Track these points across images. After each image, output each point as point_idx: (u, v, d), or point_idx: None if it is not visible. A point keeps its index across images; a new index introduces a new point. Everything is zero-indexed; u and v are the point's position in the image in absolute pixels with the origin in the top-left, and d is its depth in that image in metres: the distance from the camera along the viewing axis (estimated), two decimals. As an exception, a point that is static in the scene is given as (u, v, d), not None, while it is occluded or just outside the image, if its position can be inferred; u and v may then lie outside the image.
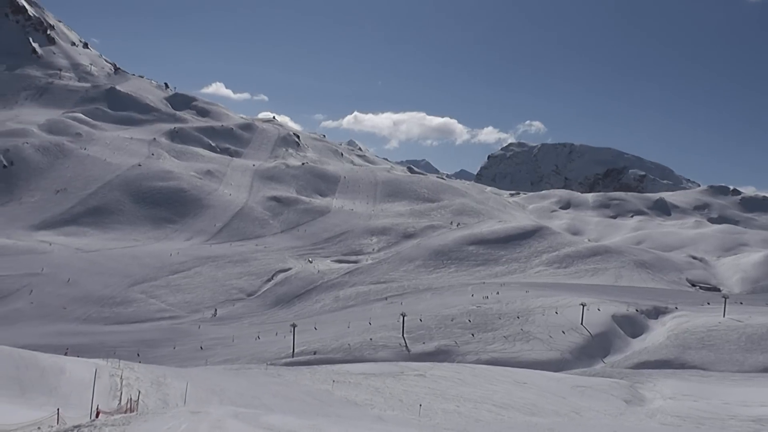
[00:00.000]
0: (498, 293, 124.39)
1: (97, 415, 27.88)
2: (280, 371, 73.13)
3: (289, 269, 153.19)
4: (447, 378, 68.50)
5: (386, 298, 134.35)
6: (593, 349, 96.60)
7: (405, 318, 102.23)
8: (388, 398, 56.80)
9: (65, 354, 61.55)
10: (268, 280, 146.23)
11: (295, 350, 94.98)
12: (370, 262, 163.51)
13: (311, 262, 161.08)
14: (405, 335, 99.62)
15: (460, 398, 57.99)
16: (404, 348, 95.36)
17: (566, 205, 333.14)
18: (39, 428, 20.65)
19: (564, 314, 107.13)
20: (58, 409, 24.70)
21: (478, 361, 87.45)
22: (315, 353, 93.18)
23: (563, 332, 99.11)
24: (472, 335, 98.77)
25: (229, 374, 68.27)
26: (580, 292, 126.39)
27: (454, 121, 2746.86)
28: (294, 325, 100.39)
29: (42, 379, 37.97)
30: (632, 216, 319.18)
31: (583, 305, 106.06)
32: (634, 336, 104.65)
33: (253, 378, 65.74)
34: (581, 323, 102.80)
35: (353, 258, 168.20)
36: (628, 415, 57.58)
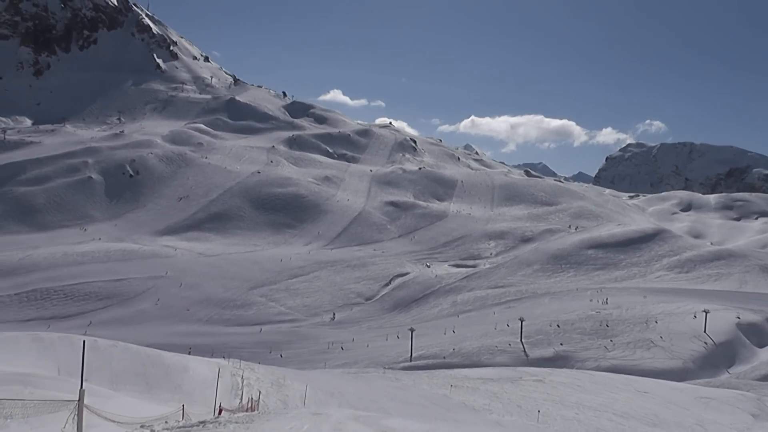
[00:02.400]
0: (606, 301, 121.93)
1: (219, 413, 28.68)
2: (398, 375, 73.42)
3: (407, 274, 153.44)
4: (566, 384, 67.56)
5: (504, 303, 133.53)
6: (717, 359, 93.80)
7: (523, 323, 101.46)
8: (506, 403, 56.43)
9: (188, 353, 63.16)
10: (386, 285, 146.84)
11: (413, 354, 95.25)
12: (487, 266, 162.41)
13: (429, 267, 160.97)
14: (523, 340, 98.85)
15: (579, 405, 57.14)
16: (522, 353, 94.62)
17: (687, 207, 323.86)
18: (166, 422, 21.38)
19: (686, 321, 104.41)
20: (183, 405, 25.47)
21: (598, 368, 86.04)
22: (433, 357, 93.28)
23: (686, 340, 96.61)
24: (598, 343, 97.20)
25: (348, 377, 68.88)
26: (703, 298, 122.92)
27: (572, 123, 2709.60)
28: (412, 330, 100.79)
29: (167, 377, 39.08)
30: (757, 218, 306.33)
31: (706, 312, 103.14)
32: (761, 345, 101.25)
33: (372, 381, 66.15)
34: (704, 331, 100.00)
35: (471, 262, 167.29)
36: (755, 430, 55.63)
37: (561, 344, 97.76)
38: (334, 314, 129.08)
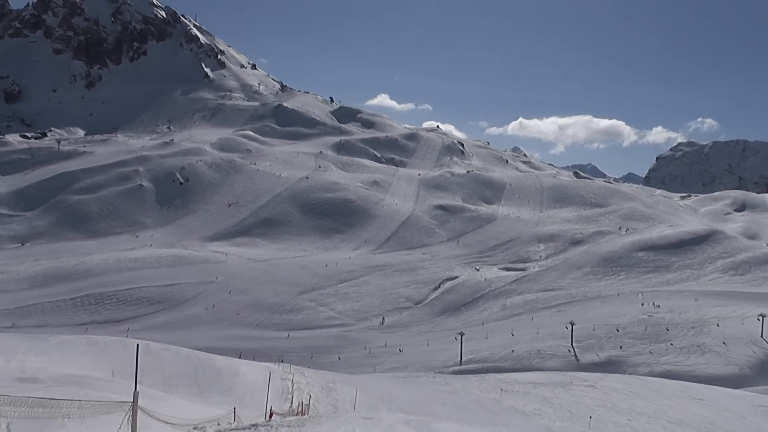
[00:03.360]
0: (658, 305, 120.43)
1: (270, 416, 28.90)
2: (447, 379, 73.34)
3: (456, 277, 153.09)
4: (618, 390, 66.87)
5: (554, 306, 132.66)
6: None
7: (574, 327, 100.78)
8: (557, 409, 56.05)
9: (239, 357, 63.76)
10: (435, 289, 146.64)
11: (463, 358, 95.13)
12: (537, 269, 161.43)
13: (478, 270, 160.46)
14: (574, 344, 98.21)
15: (632, 412, 56.46)
16: (573, 357, 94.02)
17: (741, 207, 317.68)
18: (218, 424, 21.65)
19: (742, 326, 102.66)
20: (234, 408, 25.77)
21: (651, 374, 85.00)
22: (483, 361, 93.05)
23: (742, 345, 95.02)
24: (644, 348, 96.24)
25: (398, 382, 68.93)
26: (759, 301, 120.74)
27: (621, 123, 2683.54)
28: (461, 334, 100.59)
29: (218, 380, 39.50)
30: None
31: (763, 316, 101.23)
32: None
33: (421, 386, 66.14)
34: (761, 336, 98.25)
35: (520, 266, 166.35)
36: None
37: (621, 347, 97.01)
38: (384, 318, 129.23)
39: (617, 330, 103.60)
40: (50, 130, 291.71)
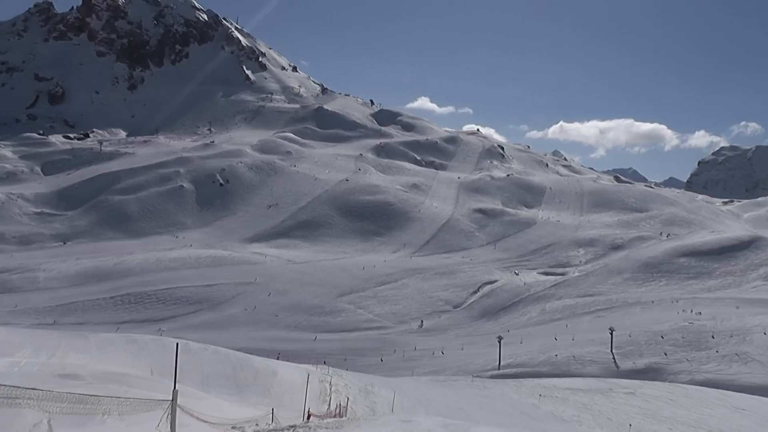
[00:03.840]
0: (699, 311, 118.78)
1: (308, 418, 28.82)
2: (485, 383, 72.97)
3: (495, 281, 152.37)
4: (658, 398, 66.11)
5: (594, 312, 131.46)
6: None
7: (613, 333, 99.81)
8: (596, 415, 55.50)
9: (277, 358, 63.84)
10: (474, 292, 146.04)
11: (501, 363, 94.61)
12: (577, 274, 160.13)
13: (517, 274, 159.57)
14: (614, 351, 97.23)
15: (673, 420, 55.74)
16: (613, 364, 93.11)
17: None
18: (257, 424, 21.61)
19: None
20: (272, 409, 25.73)
21: (692, 382, 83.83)
22: (521, 366, 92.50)
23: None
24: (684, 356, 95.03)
25: (435, 385, 68.72)
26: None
27: (663, 127, 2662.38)
28: (500, 338, 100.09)
29: (256, 380, 39.50)
30: None
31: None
32: None
33: (459, 389, 65.89)
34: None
35: (560, 270, 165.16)
36: None
37: (661, 355, 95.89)
38: (422, 322, 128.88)
39: (658, 337, 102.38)
40: (92, 132, 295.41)
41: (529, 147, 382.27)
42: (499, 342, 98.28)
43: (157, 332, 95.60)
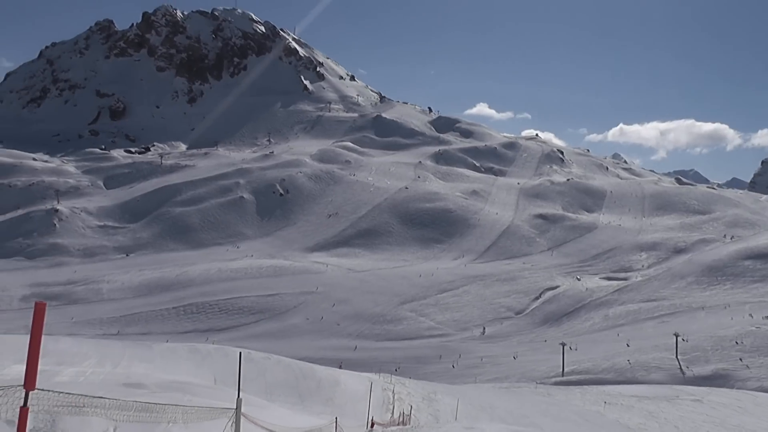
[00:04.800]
0: (765, 317, 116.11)
1: (372, 426, 28.68)
2: (549, 390, 72.39)
3: (557, 287, 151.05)
4: (726, 405, 64.81)
5: (657, 317, 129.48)
6: None
7: (678, 338, 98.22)
8: (662, 423, 54.59)
9: (339, 367, 63.97)
10: (536, 298, 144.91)
11: (565, 369, 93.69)
12: (639, 279, 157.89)
13: (579, 280, 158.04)
14: (679, 357, 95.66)
15: (741, 428, 54.56)
16: (678, 370, 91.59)
17: None
18: (321, 433, 21.58)
19: None
20: (336, 418, 25.63)
21: (761, 389, 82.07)
22: (585, 373, 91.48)
23: None
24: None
25: (499, 392, 68.31)
26: None
27: (725, 126, 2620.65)
28: (563, 344, 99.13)
29: (318, 390, 39.59)
30: None
31: None
32: None
33: (523, 396, 65.41)
34: None
35: (622, 275, 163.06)
36: None
37: (731, 360, 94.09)
38: (484, 328, 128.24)
39: (724, 342, 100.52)
40: (153, 145, 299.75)
41: (588, 150, 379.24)
42: (563, 348, 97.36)
43: (221, 342, 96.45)
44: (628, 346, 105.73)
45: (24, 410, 7.38)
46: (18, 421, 7.26)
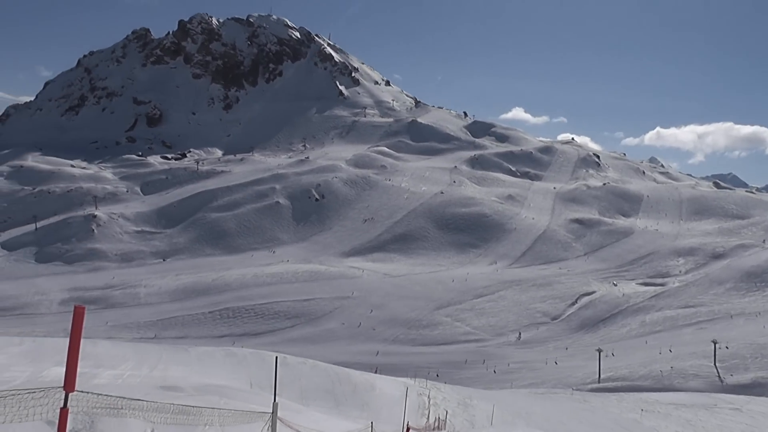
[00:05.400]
0: None
1: (407, 431, 28.66)
2: (586, 397, 71.94)
3: (593, 292, 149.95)
4: (766, 415, 64.00)
5: (695, 324, 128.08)
6: None
7: (716, 345, 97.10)
8: (700, 432, 54.07)
9: (375, 372, 63.96)
10: (572, 304, 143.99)
11: (601, 376, 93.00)
12: (676, 285, 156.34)
13: (616, 285, 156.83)
14: (717, 364, 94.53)
15: (782, 438, 53.92)
16: (717, 378, 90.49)
17: None
18: (356, 437, 21.64)
19: None
20: (371, 423, 25.64)
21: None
22: (622, 380, 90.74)
23: None
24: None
25: (535, 398, 68.00)
26: None
27: (764, 129, 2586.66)
28: (599, 350, 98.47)
29: (354, 394, 39.61)
30: None
31: None
32: None
33: (559, 403, 65.07)
34: None
35: (659, 281, 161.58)
36: None
37: (759, 370, 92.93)
38: (520, 334, 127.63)
39: (764, 350, 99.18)
40: (189, 151, 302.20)
41: (625, 154, 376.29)
42: (599, 354, 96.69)
43: (257, 346, 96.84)
44: (667, 352, 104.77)
45: (64, 411, 7.47)
46: (58, 421, 7.34)
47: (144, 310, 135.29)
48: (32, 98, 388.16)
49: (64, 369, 7.41)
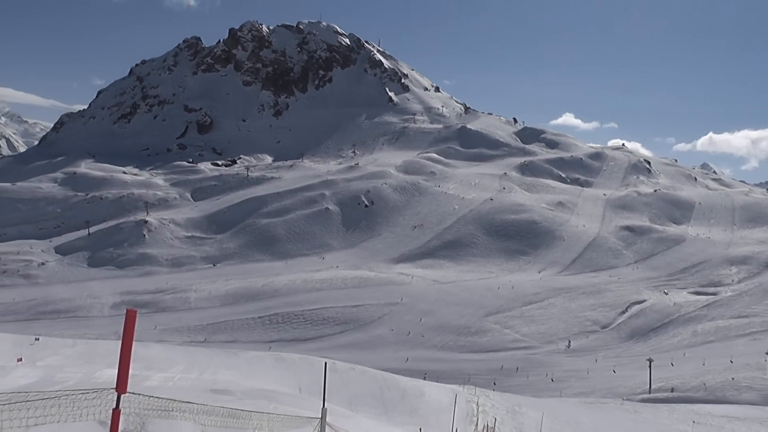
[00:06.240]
0: None
1: (455, 438, 28.61)
2: (636, 407, 71.17)
3: (644, 301, 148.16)
4: (823, 429, 62.77)
5: (749, 334, 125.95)
6: None
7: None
8: (754, 446, 53.19)
9: (424, 378, 63.89)
10: (623, 312, 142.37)
11: (652, 386, 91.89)
12: (729, 294, 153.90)
13: (667, 294, 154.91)
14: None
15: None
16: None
17: None
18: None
19: None
20: (420, 429, 25.66)
21: None
22: (673, 390, 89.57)
23: None
24: None
25: (584, 407, 67.44)
26: None
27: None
28: (650, 360, 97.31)
29: (403, 401, 39.60)
30: None
31: None
32: None
33: (609, 413, 64.44)
34: None
35: (711, 290, 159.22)
36: None
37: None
38: (570, 342, 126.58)
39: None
40: (239, 158, 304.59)
41: (676, 160, 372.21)
42: (650, 364, 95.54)
43: (306, 352, 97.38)
44: (719, 363, 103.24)
45: (116, 412, 7.59)
46: (111, 422, 7.45)
47: (194, 314, 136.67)
48: (85, 107, 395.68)
49: (116, 371, 7.50)
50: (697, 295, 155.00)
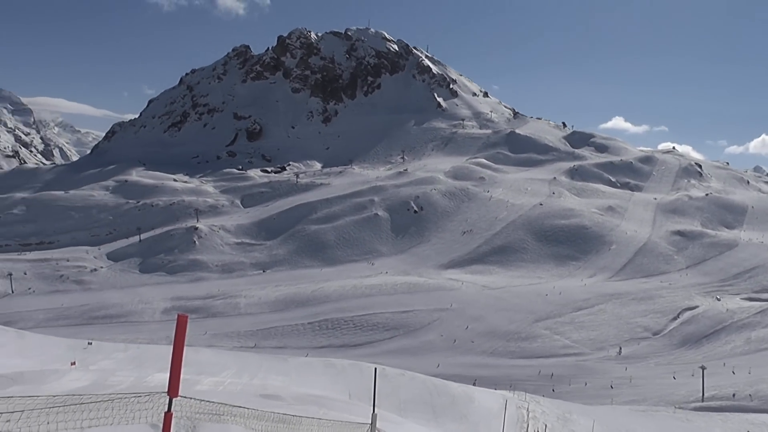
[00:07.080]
0: None
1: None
2: (689, 416, 70.24)
3: (696, 307, 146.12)
4: None
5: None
6: None
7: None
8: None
9: (473, 384, 63.68)
10: (674, 319, 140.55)
11: (705, 394, 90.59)
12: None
13: (719, 300, 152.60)
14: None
15: None
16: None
17: None
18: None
19: None
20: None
21: None
22: (734, 396, 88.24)
23: None
24: None
25: (636, 415, 66.70)
26: None
27: None
28: (703, 368, 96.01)
29: (452, 406, 39.53)
30: None
31: None
32: None
33: (661, 421, 63.71)
34: None
35: (765, 296, 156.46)
36: None
37: None
38: (620, 348, 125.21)
39: None
40: (289, 165, 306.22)
41: (728, 163, 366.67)
42: (703, 372, 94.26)
43: (356, 357, 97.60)
44: (749, 373, 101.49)
45: (168, 415, 7.68)
46: (162, 425, 7.53)
47: (244, 319, 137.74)
48: (136, 116, 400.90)
49: (168, 375, 7.59)
50: (750, 301, 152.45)
